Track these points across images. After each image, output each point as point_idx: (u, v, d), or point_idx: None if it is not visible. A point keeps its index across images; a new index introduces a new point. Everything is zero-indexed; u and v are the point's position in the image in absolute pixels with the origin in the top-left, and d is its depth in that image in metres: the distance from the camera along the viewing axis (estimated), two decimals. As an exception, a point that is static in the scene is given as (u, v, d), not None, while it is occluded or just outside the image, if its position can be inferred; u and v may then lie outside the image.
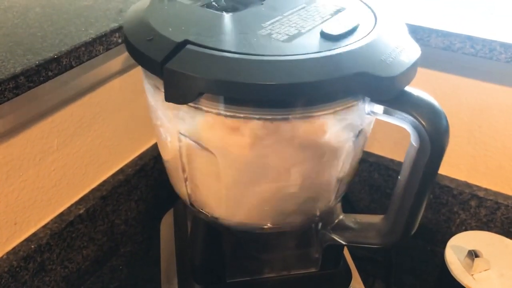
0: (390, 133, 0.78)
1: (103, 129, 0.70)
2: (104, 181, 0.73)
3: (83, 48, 0.56)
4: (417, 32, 0.63)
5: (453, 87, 0.69)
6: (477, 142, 0.72)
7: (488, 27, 0.62)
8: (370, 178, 0.82)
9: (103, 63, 0.66)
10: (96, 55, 0.59)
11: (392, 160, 0.80)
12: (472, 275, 0.57)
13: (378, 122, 0.77)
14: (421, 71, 0.70)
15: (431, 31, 0.62)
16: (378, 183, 0.82)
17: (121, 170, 0.76)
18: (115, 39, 0.60)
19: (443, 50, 0.63)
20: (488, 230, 0.71)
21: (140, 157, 0.79)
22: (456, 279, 0.57)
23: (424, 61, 0.69)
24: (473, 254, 0.57)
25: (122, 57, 0.68)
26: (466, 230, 0.76)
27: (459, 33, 0.60)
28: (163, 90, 0.38)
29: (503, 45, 0.59)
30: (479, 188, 0.74)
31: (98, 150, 0.71)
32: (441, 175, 0.76)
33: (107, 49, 0.60)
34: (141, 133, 0.78)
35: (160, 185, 0.82)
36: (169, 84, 0.37)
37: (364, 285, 0.58)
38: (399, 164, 0.79)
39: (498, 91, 0.66)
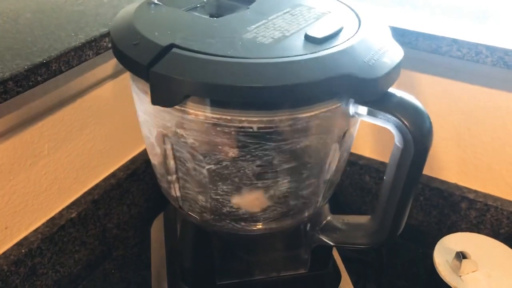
0: (380, 135, 0.79)
1: (94, 134, 0.71)
2: (96, 185, 0.73)
3: (72, 53, 0.57)
4: (405, 36, 0.63)
5: (441, 90, 0.70)
6: (466, 145, 0.73)
7: (475, 31, 0.63)
8: (361, 181, 0.82)
9: (94, 68, 0.66)
10: (86, 60, 0.59)
11: (382, 163, 0.80)
12: (460, 276, 0.58)
13: (368, 124, 0.78)
14: (409, 74, 0.71)
15: (418, 35, 0.63)
16: (369, 186, 0.82)
17: (112, 174, 0.76)
18: (105, 43, 0.61)
19: (430, 53, 0.63)
20: (478, 232, 0.72)
21: (132, 161, 0.79)
22: (444, 280, 0.57)
23: (412, 64, 0.70)
24: (460, 256, 0.57)
25: (112, 62, 0.69)
26: (456, 232, 0.76)
27: (445, 36, 0.61)
28: (149, 94, 0.38)
29: (489, 48, 0.59)
30: (469, 190, 0.74)
31: (90, 155, 0.71)
32: (431, 177, 0.77)
33: (97, 54, 0.60)
34: (133, 137, 0.78)
35: (152, 189, 0.82)
36: (155, 87, 0.37)
37: (355, 287, 0.58)
38: (390, 166, 0.80)
39: (486, 93, 0.67)
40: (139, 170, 0.78)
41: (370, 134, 0.80)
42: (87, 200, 0.71)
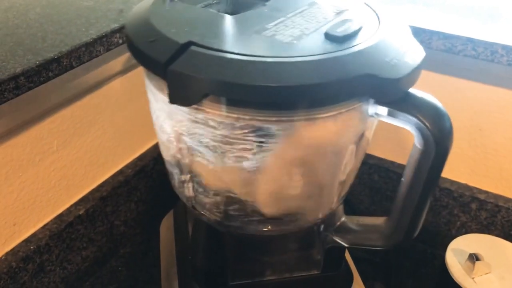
0: (390, 135, 0.78)
1: (103, 130, 0.70)
2: (104, 182, 0.73)
3: (83, 49, 0.56)
4: (418, 35, 0.63)
5: (454, 90, 0.69)
6: (478, 145, 0.72)
7: (489, 30, 0.62)
8: (370, 180, 0.82)
9: (104, 64, 0.65)
10: (97, 56, 0.58)
11: (392, 162, 0.80)
12: (473, 278, 0.57)
13: (378, 124, 0.77)
14: (422, 73, 0.70)
15: (432, 33, 0.62)
16: (378, 185, 0.81)
17: (120, 171, 0.75)
18: (115, 39, 0.60)
19: (444, 52, 0.63)
20: (489, 233, 0.71)
21: (140, 158, 0.78)
22: (457, 282, 0.57)
23: (425, 63, 0.69)
24: (474, 258, 0.57)
25: (122, 58, 0.68)
26: (466, 233, 0.76)
27: (460, 35, 0.60)
28: (166, 92, 0.37)
29: (505, 47, 0.59)
30: (480, 190, 0.74)
31: (98, 151, 0.71)
32: (441, 177, 0.76)
33: (108, 50, 0.59)
34: (141, 134, 0.77)
35: (160, 186, 0.81)
36: (173, 85, 0.37)
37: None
38: (400, 166, 0.79)
39: (500, 93, 0.66)
40: (148, 167, 0.78)
41: (380, 133, 0.79)
42: (95, 197, 0.70)
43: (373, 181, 0.82)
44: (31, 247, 0.62)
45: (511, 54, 0.59)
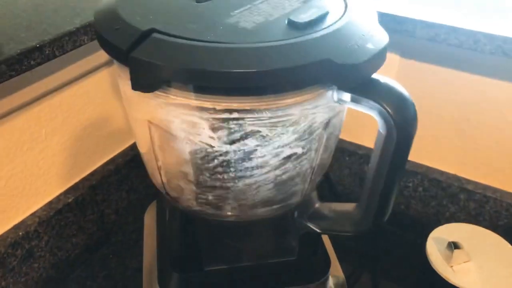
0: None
1: (92, 119, 0.71)
2: (94, 171, 0.74)
3: (67, 38, 0.57)
4: (402, 23, 0.63)
5: (440, 80, 0.69)
6: (466, 135, 0.72)
7: (473, 20, 0.62)
8: (361, 170, 0.82)
9: (91, 54, 0.67)
10: (81, 45, 0.59)
11: (381, 153, 0.79)
12: (452, 266, 0.57)
13: (368, 114, 0.77)
14: (407, 63, 0.70)
15: (416, 22, 0.62)
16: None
17: (111, 160, 0.77)
18: (99, 29, 0.61)
19: (428, 41, 0.62)
20: (477, 224, 0.71)
21: (132, 147, 0.79)
22: (435, 269, 0.57)
23: (410, 53, 0.69)
24: (452, 246, 0.57)
25: (110, 48, 0.69)
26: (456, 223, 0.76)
27: (443, 23, 0.60)
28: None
29: (487, 36, 0.58)
30: (468, 181, 0.74)
31: (88, 140, 0.72)
32: (430, 168, 0.76)
33: (92, 39, 0.60)
34: (132, 124, 0.78)
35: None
36: (135, 72, 0.37)
37: (350, 277, 0.58)
38: (389, 156, 0.79)
39: (485, 83, 0.66)
40: (139, 156, 0.79)
41: (369, 123, 0.79)
42: (85, 185, 0.72)
43: (364, 171, 0.82)
44: (20, 233, 0.64)
45: (494, 43, 0.59)
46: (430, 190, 0.76)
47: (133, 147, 0.79)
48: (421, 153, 0.76)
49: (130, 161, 0.78)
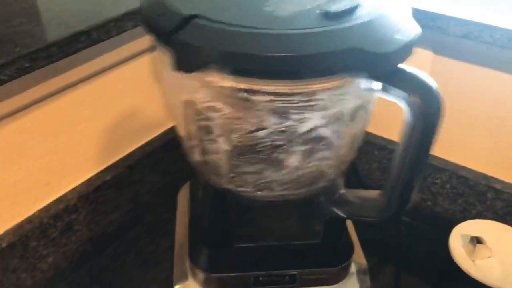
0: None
1: (133, 103, 0.75)
2: (132, 152, 0.78)
3: (112, 23, 0.61)
4: (435, 20, 0.63)
5: (472, 77, 0.69)
6: (497, 134, 0.72)
7: (508, 17, 0.62)
8: (390, 165, 0.83)
9: (134, 39, 0.70)
10: (125, 31, 0.63)
11: (411, 148, 0.80)
12: (474, 261, 0.58)
13: (400, 109, 0.78)
14: (440, 60, 0.71)
15: (449, 19, 0.62)
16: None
17: (148, 143, 0.80)
18: (143, 16, 0.64)
19: (461, 38, 0.63)
20: (504, 223, 0.71)
21: (167, 131, 0.83)
22: (457, 263, 0.58)
23: (443, 50, 0.70)
24: (475, 240, 0.58)
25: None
26: (481, 221, 0.76)
27: (477, 21, 0.61)
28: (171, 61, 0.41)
29: (521, 34, 0.59)
30: (496, 180, 0.74)
31: (127, 122, 0.75)
32: (458, 165, 0.77)
33: (135, 26, 0.64)
34: (169, 109, 0.82)
35: (185, 160, 0.85)
36: (177, 54, 0.40)
37: (372, 269, 0.59)
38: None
39: (519, 82, 0.66)
40: (174, 141, 0.81)
41: (401, 118, 0.80)
42: (122, 165, 0.75)
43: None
44: (61, 206, 0.68)
45: (528, 41, 0.59)
46: (458, 188, 0.76)
47: (169, 132, 0.83)
48: (450, 150, 0.77)
49: (166, 145, 0.81)
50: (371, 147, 0.83)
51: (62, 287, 0.71)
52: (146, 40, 0.72)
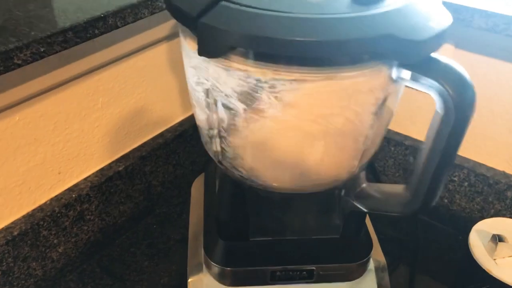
0: (428, 117, 0.78)
1: (146, 93, 0.74)
2: (144, 143, 0.77)
3: (128, 10, 0.59)
4: (459, 12, 0.62)
5: (495, 72, 0.68)
6: (519, 132, 0.70)
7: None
8: (405, 161, 0.82)
9: (150, 28, 0.69)
10: (141, 18, 0.62)
11: (428, 145, 0.79)
12: (495, 259, 0.56)
13: (416, 105, 0.76)
14: (461, 54, 0.69)
15: (474, 11, 0.61)
16: (413, 167, 0.81)
17: (161, 134, 0.79)
18: (160, 3, 0.63)
19: (486, 31, 0.61)
20: (524, 222, 0.70)
21: (180, 124, 0.82)
22: (478, 262, 0.56)
23: (465, 44, 0.68)
24: (497, 238, 0.56)
25: (168, 24, 0.71)
26: (500, 221, 0.75)
27: (503, 13, 0.59)
28: (196, 46, 0.40)
29: (550, 28, 0.57)
30: (517, 178, 0.72)
31: (141, 113, 0.74)
32: (478, 163, 0.75)
33: (152, 13, 0.63)
34: (184, 100, 0.81)
35: (198, 152, 0.85)
36: (202, 38, 0.39)
37: (389, 267, 0.58)
38: (436, 149, 0.79)
39: (543, 78, 0.64)
40: (187, 133, 0.81)
41: (418, 115, 0.78)
42: (135, 156, 0.74)
43: (408, 162, 0.81)
44: (73, 195, 0.67)
45: (557, 35, 0.57)
46: (476, 186, 0.75)
47: (182, 123, 0.82)
48: (469, 147, 0.75)
49: (179, 137, 0.80)
50: (386, 143, 0.81)
51: (72, 277, 0.70)
52: (162, 28, 0.71)
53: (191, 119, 0.83)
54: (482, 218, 0.76)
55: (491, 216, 0.75)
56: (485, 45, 0.66)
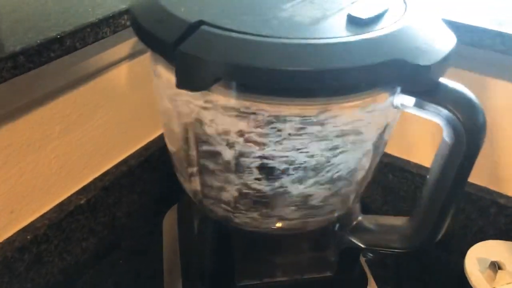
0: (406, 133, 0.75)
1: (107, 117, 0.67)
2: (107, 172, 0.70)
3: (88, 29, 0.53)
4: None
5: (476, 86, 0.65)
6: (500, 147, 0.68)
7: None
8: (384, 179, 0.78)
9: (110, 47, 0.63)
10: (103, 37, 0.56)
11: (408, 162, 0.76)
12: (494, 287, 0.54)
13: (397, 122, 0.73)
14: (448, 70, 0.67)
15: (459, 26, 0.58)
16: (392, 185, 0.78)
17: (125, 161, 0.73)
18: (123, 21, 0.57)
19: (471, 46, 0.59)
20: (508, 239, 0.68)
21: (146, 147, 0.76)
22: (478, 291, 0.54)
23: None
24: (496, 266, 0.53)
25: (130, 42, 0.65)
26: (483, 238, 0.72)
27: (489, 28, 0.57)
28: (173, 76, 0.34)
29: (537, 42, 0.55)
30: (500, 195, 0.70)
31: (102, 139, 0.68)
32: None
33: (114, 32, 0.57)
34: (148, 122, 0.75)
35: (165, 178, 0.79)
36: (181, 69, 0.34)
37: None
38: (416, 165, 0.76)
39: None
40: (153, 157, 0.75)
41: (396, 131, 0.75)
42: (97, 187, 0.68)
43: (387, 180, 0.78)
44: (28, 237, 0.60)
45: (543, 49, 0.55)
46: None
47: (148, 147, 0.76)
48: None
49: (144, 162, 0.74)
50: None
51: (31, 327, 0.62)
52: (123, 47, 0.65)
53: (156, 142, 0.77)
54: (465, 235, 0.74)
55: (475, 234, 0.73)
56: (470, 60, 0.63)
